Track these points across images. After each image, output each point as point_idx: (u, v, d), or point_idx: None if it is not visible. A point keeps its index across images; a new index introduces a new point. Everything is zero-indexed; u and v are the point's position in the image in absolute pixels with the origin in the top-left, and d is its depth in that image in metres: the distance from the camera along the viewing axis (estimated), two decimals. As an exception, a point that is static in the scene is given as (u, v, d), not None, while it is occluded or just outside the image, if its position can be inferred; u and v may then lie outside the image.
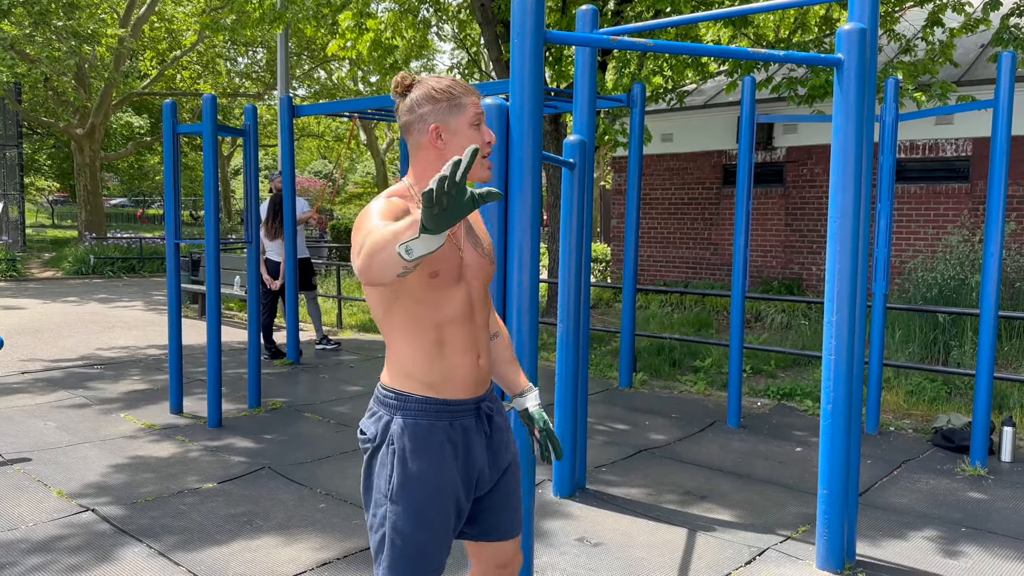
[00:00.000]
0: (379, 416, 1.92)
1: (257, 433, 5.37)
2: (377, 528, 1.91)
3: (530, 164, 2.81)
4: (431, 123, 1.88)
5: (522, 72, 2.77)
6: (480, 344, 1.97)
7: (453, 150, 1.88)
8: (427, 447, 1.88)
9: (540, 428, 2.09)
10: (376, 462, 1.91)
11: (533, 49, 2.74)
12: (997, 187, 4.60)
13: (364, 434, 1.95)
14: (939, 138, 10.31)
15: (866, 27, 3.15)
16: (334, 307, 10.96)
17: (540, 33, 2.73)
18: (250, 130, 5.70)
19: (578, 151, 4.02)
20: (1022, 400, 5.93)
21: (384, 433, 1.90)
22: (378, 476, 1.91)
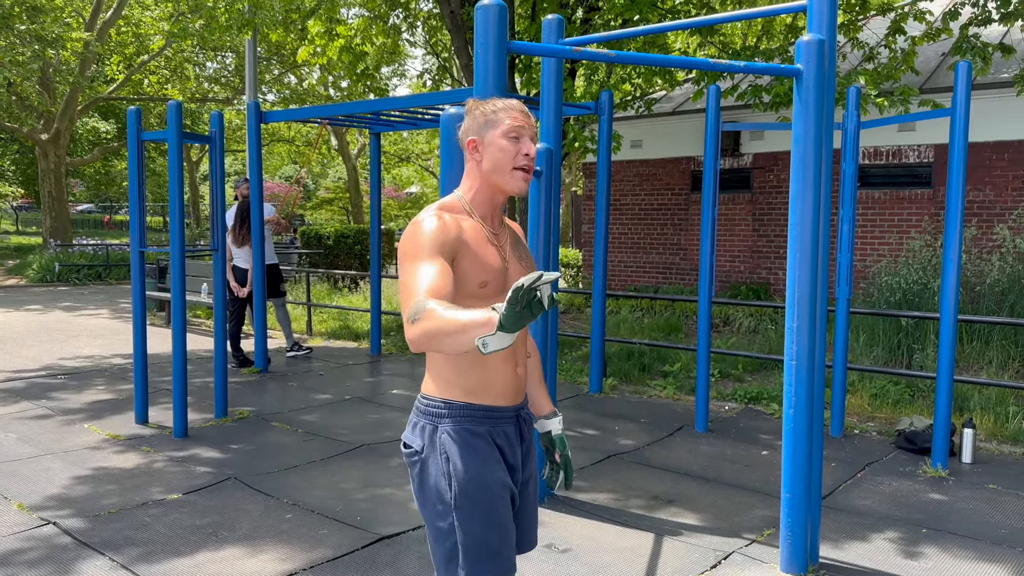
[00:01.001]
0: (422, 427, 1.96)
1: (223, 443, 5.32)
2: (445, 538, 1.92)
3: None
4: (470, 135, 2.00)
5: (486, 81, 2.78)
6: (519, 354, 2.02)
7: (490, 161, 1.96)
8: (477, 450, 1.93)
9: (562, 453, 2.14)
10: (428, 473, 1.94)
11: (496, 59, 2.75)
12: (955, 194, 4.70)
13: (409, 447, 1.98)
14: (902, 144, 10.49)
15: (824, 38, 3.21)
16: (304, 314, 10.89)
17: (503, 43, 2.75)
18: (216, 137, 5.66)
19: (545, 159, 4.04)
20: (982, 402, 6.05)
21: (432, 442, 1.94)
22: (434, 487, 1.93)
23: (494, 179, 1.96)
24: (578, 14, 8.94)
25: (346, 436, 5.50)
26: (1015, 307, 7.61)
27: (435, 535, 1.95)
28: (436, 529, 1.94)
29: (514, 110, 1.98)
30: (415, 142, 33.93)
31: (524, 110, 2.00)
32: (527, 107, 2.04)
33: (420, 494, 1.97)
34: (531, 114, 2.04)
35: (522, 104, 2.00)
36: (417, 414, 1.99)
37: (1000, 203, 9.89)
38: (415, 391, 6.97)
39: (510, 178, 1.96)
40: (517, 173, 1.96)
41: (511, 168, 1.95)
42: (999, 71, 9.78)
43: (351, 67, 10.96)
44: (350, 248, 15.48)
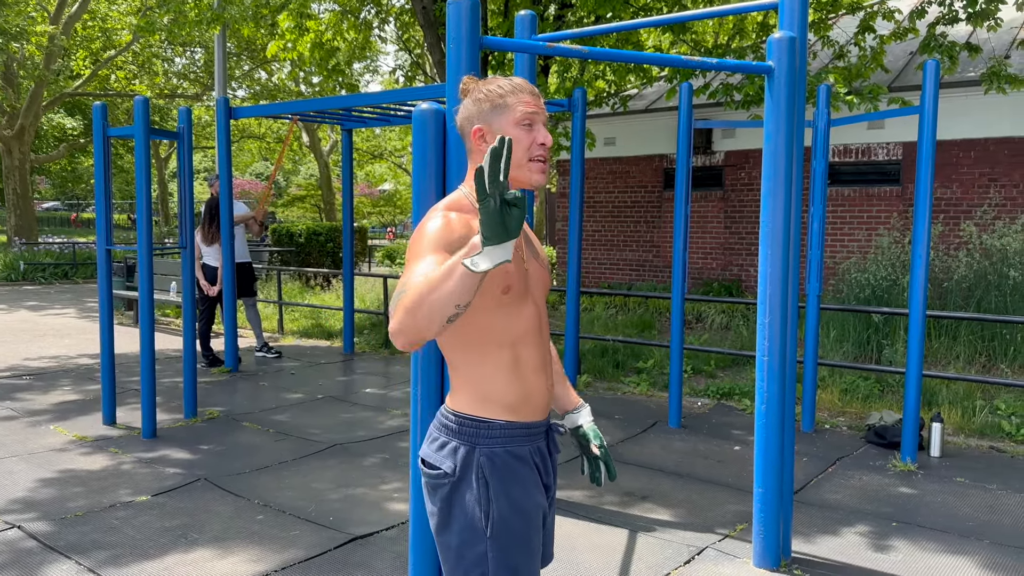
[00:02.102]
0: (453, 447, 1.76)
1: (193, 443, 5.24)
2: (469, 569, 1.76)
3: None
4: (475, 125, 1.79)
5: (458, 78, 2.75)
6: (547, 362, 1.86)
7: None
8: (520, 474, 1.77)
9: (598, 445, 1.98)
10: (461, 498, 1.75)
11: (469, 55, 2.73)
12: (924, 191, 4.75)
13: (436, 468, 1.77)
14: (871, 142, 10.62)
15: (795, 35, 3.23)
16: (275, 312, 10.77)
17: (475, 39, 2.72)
18: (184, 133, 5.57)
19: (518, 156, 4.02)
20: (950, 396, 6.14)
21: (466, 465, 1.75)
22: (467, 514, 1.74)
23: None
24: (551, 11, 8.93)
25: (318, 436, 5.45)
26: (981, 303, 7.74)
27: (457, 562, 1.77)
28: (460, 557, 1.76)
29: (524, 92, 1.78)
30: (388, 139, 33.77)
31: (534, 91, 1.81)
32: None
33: (444, 519, 1.78)
34: (540, 94, 1.85)
35: (530, 84, 1.81)
36: (446, 432, 1.78)
37: (967, 200, 10.05)
38: (389, 390, 6.93)
39: (526, 171, 1.77)
40: (534, 165, 1.77)
41: (527, 160, 1.77)
42: (966, 70, 9.93)
43: (322, 63, 10.85)
44: (322, 246, 15.36)
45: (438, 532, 1.81)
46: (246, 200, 34.05)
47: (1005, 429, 5.53)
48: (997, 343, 7.23)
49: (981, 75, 8.18)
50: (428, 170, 2.75)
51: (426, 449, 1.82)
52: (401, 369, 7.83)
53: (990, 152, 9.87)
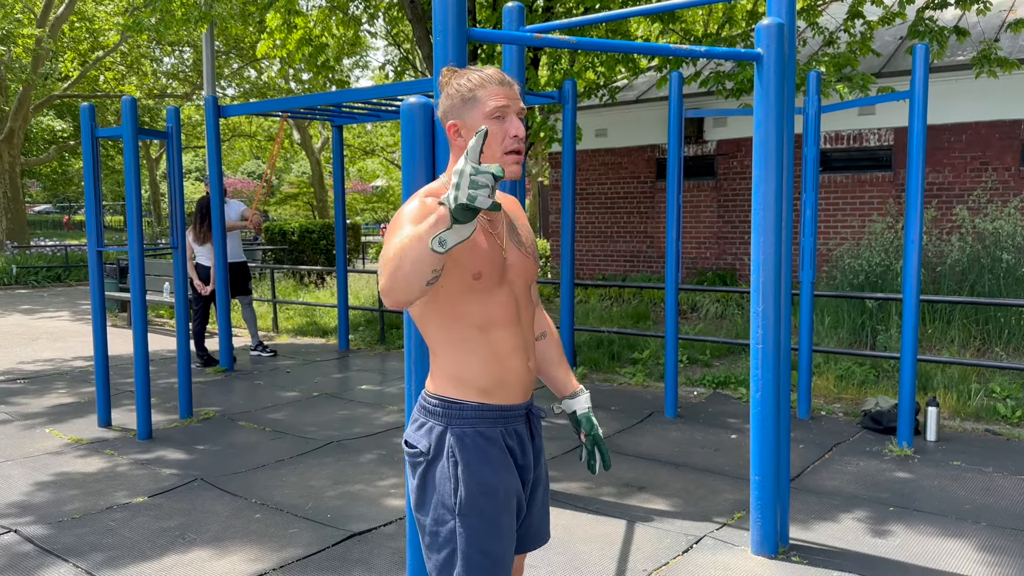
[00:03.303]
0: (429, 427, 1.84)
1: (189, 444, 5.23)
2: (442, 545, 1.82)
3: (456, 163, 2.78)
4: (449, 120, 1.83)
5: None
6: (528, 346, 1.90)
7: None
8: (489, 455, 1.82)
9: (587, 433, 2.03)
10: (433, 476, 1.83)
11: (456, 47, 2.71)
12: (915, 176, 4.75)
13: (414, 447, 1.85)
14: (863, 128, 10.62)
15: (784, 22, 3.22)
16: (269, 311, 10.75)
17: (462, 31, 2.71)
18: (173, 132, 5.54)
19: (508, 148, 4.00)
20: (945, 381, 6.16)
21: (439, 444, 1.82)
22: (438, 491, 1.82)
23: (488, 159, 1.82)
24: (539, 2, 8.90)
25: (315, 433, 5.44)
26: (975, 287, 7.75)
27: (432, 540, 1.84)
28: (434, 534, 1.83)
29: (494, 84, 1.79)
30: (379, 135, 33.67)
31: (505, 80, 1.82)
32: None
33: (420, 497, 1.85)
34: (514, 82, 1.85)
35: (501, 73, 1.82)
36: (424, 413, 1.86)
37: (959, 184, 10.06)
38: (384, 386, 6.92)
39: (500, 165, 1.74)
40: (508, 158, 1.80)
41: (501, 154, 1.79)
42: (955, 54, 9.94)
43: (311, 59, 10.80)
44: (315, 243, 15.33)
45: (415, 509, 1.87)
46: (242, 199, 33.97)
47: (1000, 412, 5.55)
48: (991, 326, 7.25)
49: (972, 59, 8.18)
50: (417, 164, 2.73)
51: (408, 430, 1.90)
52: (396, 365, 7.82)
53: (981, 136, 9.88)
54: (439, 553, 1.82)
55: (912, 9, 9.04)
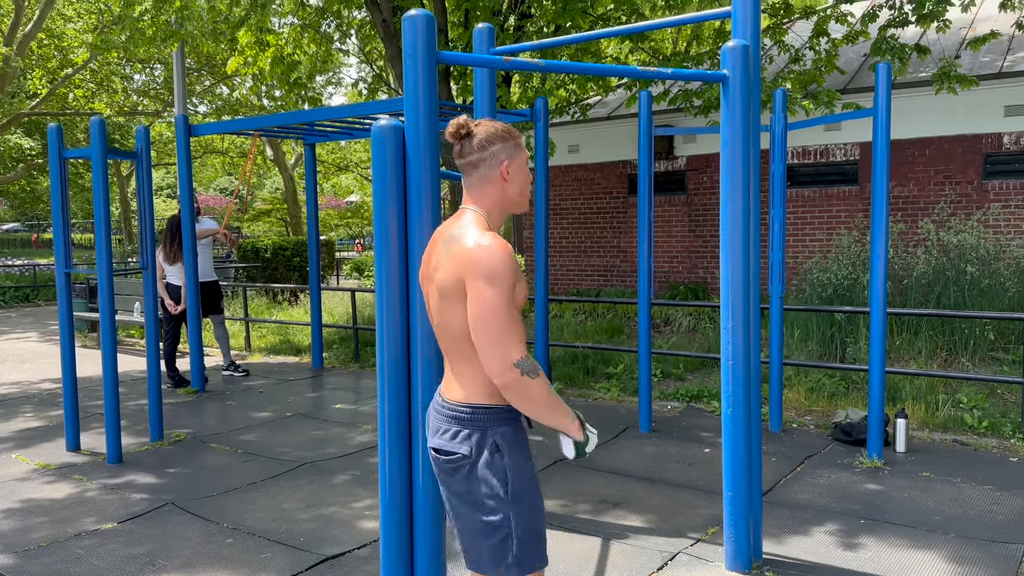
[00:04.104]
0: (467, 433, 2.08)
1: (160, 467, 5.16)
2: (496, 531, 2.07)
3: (428, 183, 2.80)
4: (503, 159, 2.15)
5: (416, 92, 2.76)
6: None
7: (515, 184, 2.17)
8: (522, 448, 2.13)
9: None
10: (478, 475, 2.07)
11: (426, 70, 2.74)
12: (880, 192, 4.85)
13: (455, 453, 2.08)
14: (829, 143, 10.80)
15: (749, 44, 3.28)
16: (242, 330, 10.65)
17: (432, 54, 2.73)
18: (142, 153, 5.50)
19: (480, 168, 4.03)
20: (914, 392, 6.25)
21: (480, 446, 2.07)
22: (485, 486, 2.06)
23: (516, 201, 2.19)
24: (511, 21, 8.97)
25: (288, 455, 5.39)
26: (941, 298, 7.89)
27: (484, 531, 2.07)
28: (486, 524, 2.07)
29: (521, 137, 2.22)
30: (353, 151, 33.60)
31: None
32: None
33: (466, 496, 2.09)
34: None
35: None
36: (457, 423, 2.09)
37: (923, 197, 10.25)
38: (359, 404, 6.88)
39: (525, 201, 2.20)
40: (528, 196, 2.21)
41: (528, 193, 2.19)
42: (917, 70, 10.15)
43: (283, 77, 10.78)
44: (289, 260, 15.24)
45: (461, 510, 2.12)
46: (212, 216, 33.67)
47: (968, 422, 5.64)
48: (957, 337, 7.37)
49: (932, 75, 8.36)
50: (388, 186, 2.75)
51: (438, 441, 2.12)
52: (371, 383, 7.78)
53: (944, 150, 10.09)
54: (491, 539, 2.07)
55: (875, 27, 9.23)
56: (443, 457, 2.10)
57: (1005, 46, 10.33)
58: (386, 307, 2.78)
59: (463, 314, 2.04)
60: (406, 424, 2.82)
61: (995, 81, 9.56)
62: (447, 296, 2.07)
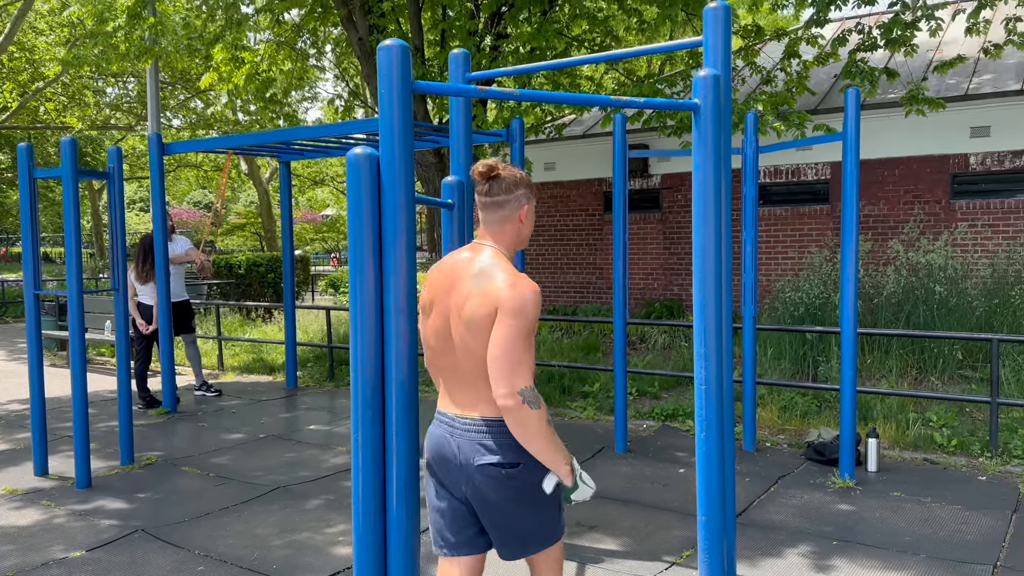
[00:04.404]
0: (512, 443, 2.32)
1: (130, 492, 5.09)
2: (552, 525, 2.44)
3: (403, 211, 2.80)
4: (524, 203, 2.46)
5: (391, 121, 2.77)
6: None
7: (527, 227, 2.50)
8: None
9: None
10: (531, 477, 2.35)
11: (401, 99, 2.74)
12: (850, 214, 4.92)
13: (515, 463, 2.33)
14: (800, 163, 10.95)
15: (719, 73, 3.32)
16: (214, 348, 10.54)
17: (407, 83, 2.74)
18: (114, 173, 5.45)
19: (457, 192, 4.04)
20: (884, 411, 6.33)
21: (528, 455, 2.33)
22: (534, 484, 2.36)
23: (524, 241, 2.51)
24: (487, 42, 9.02)
25: (261, 478, 5.34)
26: (911, 318, 8.01)
27: (543, 525, 2.41)
28: (545, 519, 2.41)
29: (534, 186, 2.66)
30: (329, 164, 33.50)
31: None
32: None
33: (521, 495, 2.35)
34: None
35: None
36: (503, 437, 2.33)
37: (893, 217, 10.42)
38: (333, 425, 6.83)
39: (527, 241, 2.54)
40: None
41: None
42: (886, 92, 10.34)
43: (258, 93, 10.75)
44: (263, 277, 15.13)
45: (524, 511, 2.37)
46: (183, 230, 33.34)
47: (937, 441, 5.72)
48: (927, 356, 7.49)
49: (901, 98, 8.52)
50: (363, 215, 2.74)
51: (491, 457, 2.33)
52: (345, 403, 7.73)
53: (913, 170, 10.27)
54: (547, 527, 2.42)
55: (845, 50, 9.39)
56: (504, 469, 2.31)
57: (971, 68, 10.57)
58: (360, 333, 2.77)
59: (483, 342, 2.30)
60: (380, 449, 2.81)
61: (961, 103, 9.76)
62: (478, 327, 2.29)
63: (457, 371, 2.40)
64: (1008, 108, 9.65)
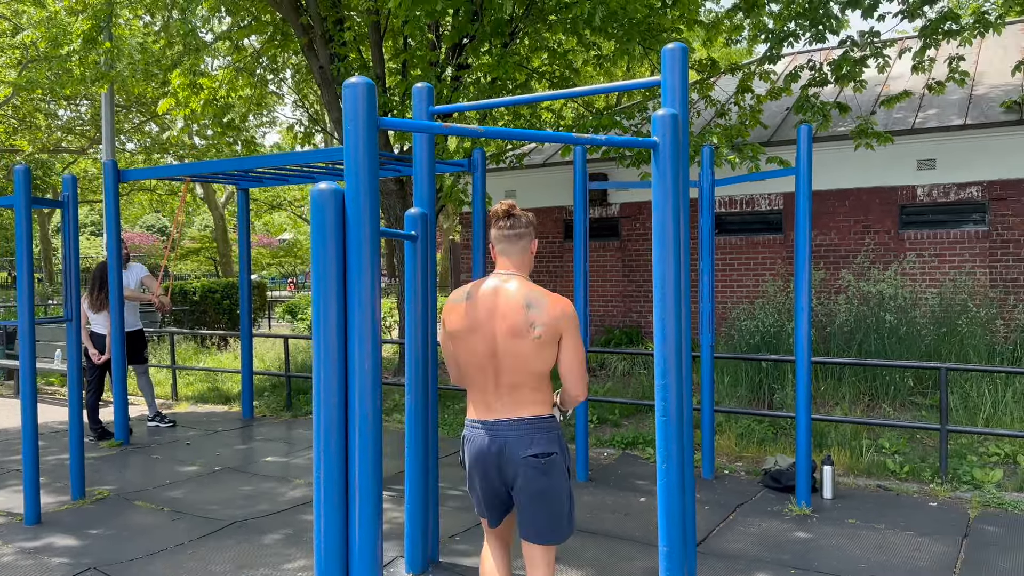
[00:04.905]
0: (552, 437, 2.91)
1: (81, 528, 4.95)
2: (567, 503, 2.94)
3: (367, 246, 2.81)
4: (534, 237, 3.03)
5: (356, 157, 2.79)
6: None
7: (533, 257, 3.06)
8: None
9: None
10: (560, 465, 2.91)
11: (366, 135, 2.76)
12: (803, 246, 5.05)
13: (552, 452, 2.89)
14: (754, 193, 11.20)
15: (677, 112, 3.41)
16: (168, 377, 10.33)
17: (373, 120, 2.77)
18: (69, 202, 5.36)
19: (420, 224, 4.06)
20: (839, 438, 6.46)
21: (560, 444, 2.93)
22: (563, 471, 2.93)
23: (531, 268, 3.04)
24: (448, 72, 9.10)
25: (217, 512, 5.24)
26: (862, 346, 8.20)
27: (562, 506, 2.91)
28: (567, 497, 2.93)
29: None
30: (287, 189, 33.26)
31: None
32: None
33: (551, 481, 2.88)
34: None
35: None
36: (548, 430, 2.90)
37: (844, 246, 10.69)
38: (291, 457, 6.74)
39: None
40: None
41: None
42: (837, 125, 10.65)
43: (216, 119, 10.68)
44: (218, 303, 14.90)
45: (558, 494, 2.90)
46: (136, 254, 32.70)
47: (890, 467, 5.85)
48: (879, 383, 7.67)
49: (851, 131, 8.79)
50: (328, 251, 2.75)
51: (537, 448, 2.87)
52: (304, 433, 7.64)
53: (863, 201, 10.57)
54: (565, 508, 2.93)
55: (797, 85, 9.67)
56: (545, 458, 2.85)
57: (916, 104, 10.95)
58: (324, 367, 2.76)
59: (550, 356, 2.86)
60: (343, 484, 2.79)
61: (908, 136, 10.10)
62: (544, 344, 2.84)
63: (500, 383, 2.87)
64: (952, 142, 10.01)
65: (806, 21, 8.35)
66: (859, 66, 8.44)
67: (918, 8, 8.27)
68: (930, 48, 8.45)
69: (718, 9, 36.56)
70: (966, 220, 10.03)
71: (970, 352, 7.86)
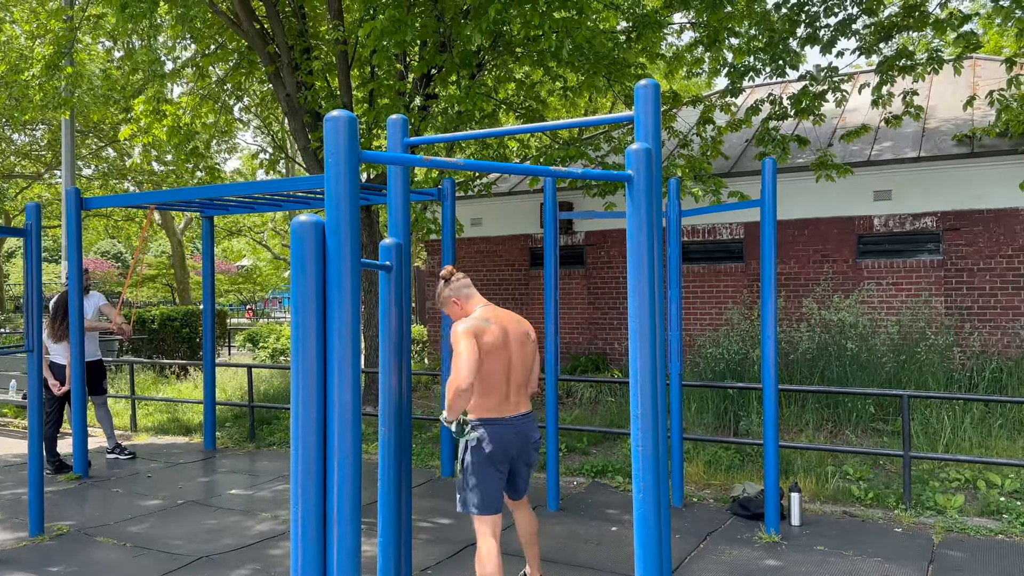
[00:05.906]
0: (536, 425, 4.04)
1: (40, 566, 4.80)
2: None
3: (347, 279, 2.81)
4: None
5: (338, 191, 2.79)
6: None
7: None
8: None
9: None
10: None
11: (348, 169, 2.77)
12: (768, 276, 5.16)
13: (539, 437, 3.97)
14: (716, 223, 11.40)
15: (651, 147, 3.48)
16: (127, 408, 10.10)
17: (354, 153, 2.78)
18: (32, 230, 5.26)
19: (395, 254, 4.07)
20: (804, 465, 6.55)
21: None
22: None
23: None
24: (416, 102, 9.15)
25: (182, 548, 5.12)
26: (825, 373, 8.36)
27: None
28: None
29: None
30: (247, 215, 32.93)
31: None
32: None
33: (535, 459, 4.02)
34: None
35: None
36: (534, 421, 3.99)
37: (804, 275, 10.91)
38: (256, 489, 6.62)
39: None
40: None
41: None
42: (796, 157, 10.92)
43: (180, 146, 10.58)
44: (177, 331, 14.64)
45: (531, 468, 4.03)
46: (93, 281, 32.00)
47: (855, 494, 5.95)
48: (841, 410, 7.81)
49: (812, 163, 9.02)
50: (308, 284, 2.74)
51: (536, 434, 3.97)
52: (268, 464, 7.51)
53: (822, 231, 10.81)
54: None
55: (757, 118, 9.91)
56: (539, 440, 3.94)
57: (872, 136, 11.27)
58: (303, 402, 2.74)
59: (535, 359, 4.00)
60: (321, 519, 2.76)
61: (865, 168, 10.38)
62: (533, 351, 3.96)
63: (520, 384, 3.85)
64: (907, 173, 10.31)
65: (766, 56, 8.59)
66: (818, 100, 8.68)
67: (874, 45, 8.56)
68: (887, 84, 8.74)
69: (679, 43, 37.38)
70: (921, 250, 10.31)
71: (929, 379, 8.05)
